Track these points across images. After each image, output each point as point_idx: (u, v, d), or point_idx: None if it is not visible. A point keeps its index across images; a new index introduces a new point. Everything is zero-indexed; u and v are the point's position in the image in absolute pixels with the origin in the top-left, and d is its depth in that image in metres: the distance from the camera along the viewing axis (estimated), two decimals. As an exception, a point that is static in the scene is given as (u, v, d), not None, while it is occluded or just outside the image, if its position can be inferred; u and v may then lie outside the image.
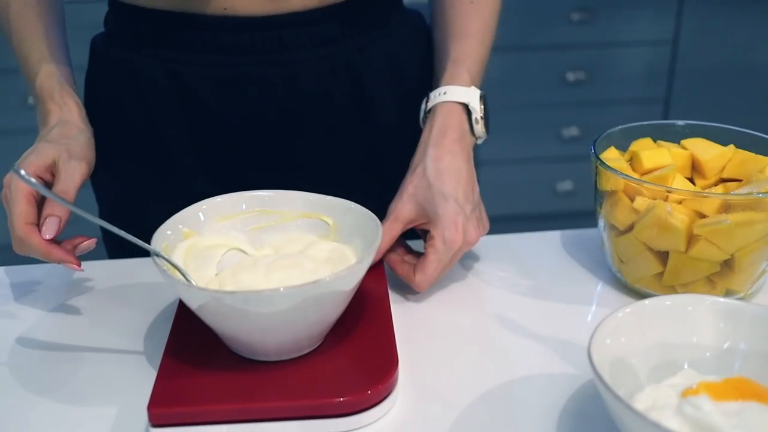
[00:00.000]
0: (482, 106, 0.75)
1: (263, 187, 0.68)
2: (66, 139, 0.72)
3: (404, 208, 0.70)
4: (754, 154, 0.70)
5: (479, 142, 0.76)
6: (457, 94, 0.74)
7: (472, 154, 0.74)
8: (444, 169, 0.70)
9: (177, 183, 0.83)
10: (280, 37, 0.77)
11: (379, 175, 0.85)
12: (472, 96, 0.74)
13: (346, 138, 0.84)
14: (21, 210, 0.65)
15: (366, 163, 0.86)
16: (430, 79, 0.85)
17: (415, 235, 0.80)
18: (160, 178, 0.83)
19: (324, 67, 0.80)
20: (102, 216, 0.95)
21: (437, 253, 0.68)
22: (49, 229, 0.65)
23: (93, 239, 0.69)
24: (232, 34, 0.77)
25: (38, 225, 0.65)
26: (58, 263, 0.65)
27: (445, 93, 0.75)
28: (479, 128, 0.75)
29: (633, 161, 0.72)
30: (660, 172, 0.69)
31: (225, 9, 0.76)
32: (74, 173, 0.68)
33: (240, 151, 0.81)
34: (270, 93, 0.79)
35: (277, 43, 0.77)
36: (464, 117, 0.74)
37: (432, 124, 0.73)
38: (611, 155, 0.72)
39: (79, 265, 0.66)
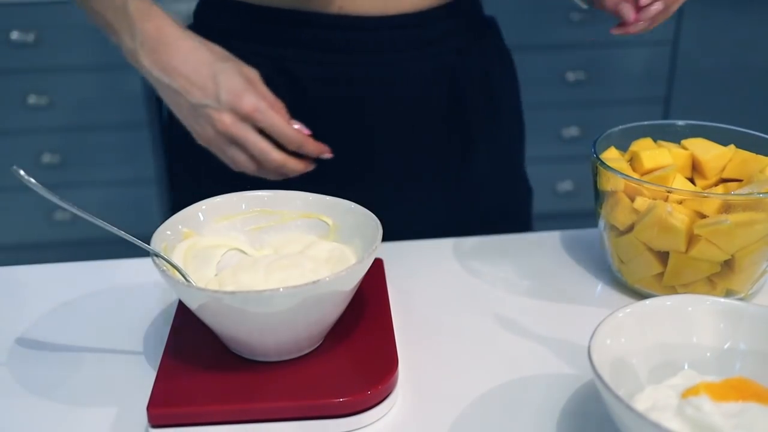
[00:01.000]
0: None
1: (361, 182, 0.73)
2: (226, 53, 0.73)
3: None
4: (754, 155, 0.70)
5: None
6: None
7: None
8: None
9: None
10: (390, 37, 0.79)
11: (464, 181, 0.87)
12: None
13: (440, 137, 0.86)
14: (286, 120, 0.71)
15: (452, 166, 0.88)
16: (516, 93, 0.91)
17: (416, 235, 0.80)
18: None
19: (426, 68, 0.82)
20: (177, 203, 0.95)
21: None
22: (300, 124, 0.71)
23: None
24: (344, 32, 0.78)
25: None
26: (320, 153, 0.72)
27: None
28: None
29: (633, 161, 0.72)
30: (660, 172, 0.69)
31: (340, 8, 0.77)
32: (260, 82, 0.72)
33: (343, 147, 0.81)
34: (375, 91, 0.81)
35: (388, 43, 0.79)
36: None
37: None
38: (611, 155, 0.72)
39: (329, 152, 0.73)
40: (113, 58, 2.05)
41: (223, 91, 0.69)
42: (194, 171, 0.88)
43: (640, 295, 0.70)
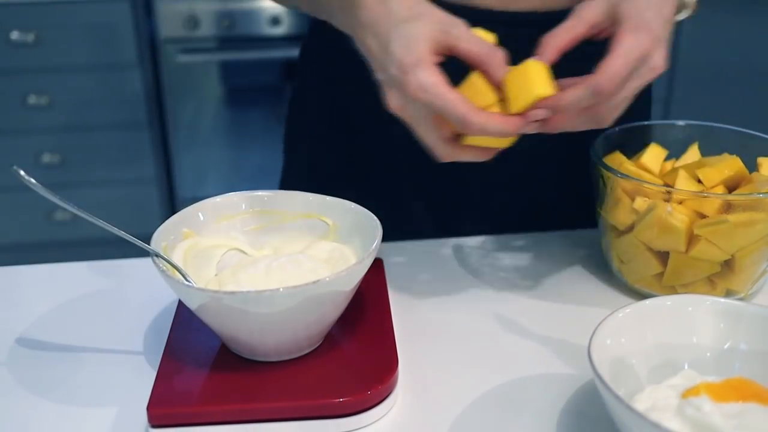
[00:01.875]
0: None
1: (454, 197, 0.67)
2: (423, 7, 0.60)
3: (591, 6, 0.59)
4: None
5: (682, 14, 0.65)
6: None
7: (675, 7, 0.62)
8: None
9: (368, 158, 0.82)
10: (514, 34, 0.69)
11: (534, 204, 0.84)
12: None
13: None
14: (457, 97, 0.56)
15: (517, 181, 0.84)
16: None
17: (415, 235, 0.80)
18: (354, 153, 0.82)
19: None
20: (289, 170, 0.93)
21: (626, 45, 0.56)
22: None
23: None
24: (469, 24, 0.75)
25: None
26: (516, 132, 0.58)
27: None
28: None
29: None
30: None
31: None
32: (465, 31, 0.58)
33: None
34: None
35: (511, 40, 0.72)
36: None
37: None
38: (616, 158, 0.72)
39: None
40: (113, 58, 2.06)
41: (392, 65, 0.57)
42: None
43: (640, 295, 0.69)
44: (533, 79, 0.57)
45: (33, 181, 0.57)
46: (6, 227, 2.18)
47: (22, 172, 0.57)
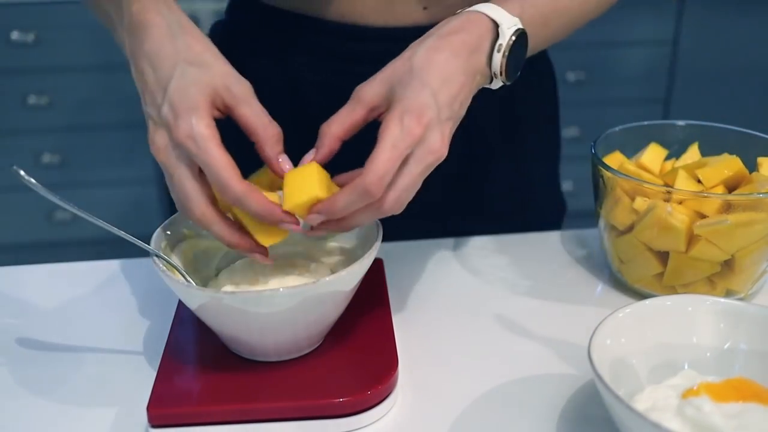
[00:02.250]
0: (512, 39, 0.59)
1: None
2: (211, 56, 0.57)
3: (370, 88, 0.57)
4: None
5: (493, 84, 0.62)
6: (492, 9, 0.60)
7: (477, 79, 0.60)
8: (437, 62, 0.56)
9: None
10: (394, 49, 0.73)
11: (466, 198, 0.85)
12: (507, 20, 0.60)
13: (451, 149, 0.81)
14: (226, 160, 0.53)
15: (451, 181, 0.84)
16: (548, 105, 0.86)
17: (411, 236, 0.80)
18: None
19: None
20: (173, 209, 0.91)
21: (391, 136, 0.53)
22: (289, 164, 0.55)
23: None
24: (346, 41, 0.76)
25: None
26: (276, 224, 0.55)
27: (478, 6, 0.61)
28: (497, 59, 0.59)
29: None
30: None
31: (342, 16, 0.75)
32: (252, 98, 0.56)
33: (341, 156, 0.79)
34: None
35: (391, 55, 0.74)
36: (488, 36, 0.59)
37: (447, 21, 0.60)
38: (616, 158, 0.72)
39: (298, 224, 0.55)
40: (113, 58, 2.06)
41: (166, 104, 0.54)
42: None
43: (640, 295, 0.69)
44: (306, 181, 0.55)
45: (33, 181, 0.57)
46: (6, 227, 2.18)
47: (22, 172, 0.57)
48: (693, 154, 0.73)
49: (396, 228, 0.70)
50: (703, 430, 0.47)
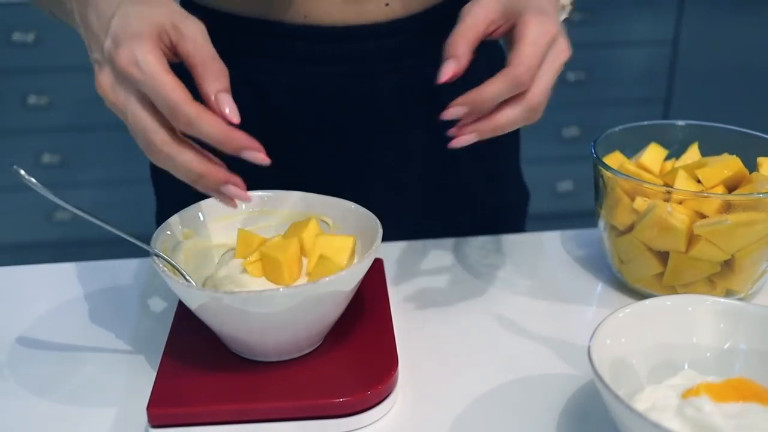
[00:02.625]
0: None
1: (338, 194, 0.65)
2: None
3: (482, 4, 0.58)
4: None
5: (561, 15, 0.65)
6: None
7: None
8: None
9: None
10: (360, 47, 0.73)
11: (443, 189, 0.84)
12: None
13: (417, 148, 0.81)
14: (174, 81, 0.48)
15: (429, 175, 0.84)
16: None
17: (411, 235, 0.80)
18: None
19: (401, 79, 0.77)
20: (161, 211, 0.89)
21: (531, 33, 0.55)
22: (229, 104, 0.50)
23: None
24: (311, 43, 0.74)
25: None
26: (237, 152, 0.50)
27: None
28: None
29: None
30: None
31: (305, 17, 0.74)
32: (201, 35, 0.52)
33: (313, 158, 0.79)
34: (347, 103, 0.76)
35: (357, 53, 0.73)
36: None
37: None
38: (616, 158, 0.72)
39: (263, 152, 0.51)
40: (113, 58, 2.06)
41: (108, 39, 0.50)
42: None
43: (640, 295, 0.70)
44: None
45: (33, 180, 0.57)
46: (6, 227, 2.18)
47: (22, 172, 0.57)
48: (693, 154, 0.73)
49: (396, 228, 0.70)
50: (703, 430, 0.47)
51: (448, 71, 0.56)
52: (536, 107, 0.57)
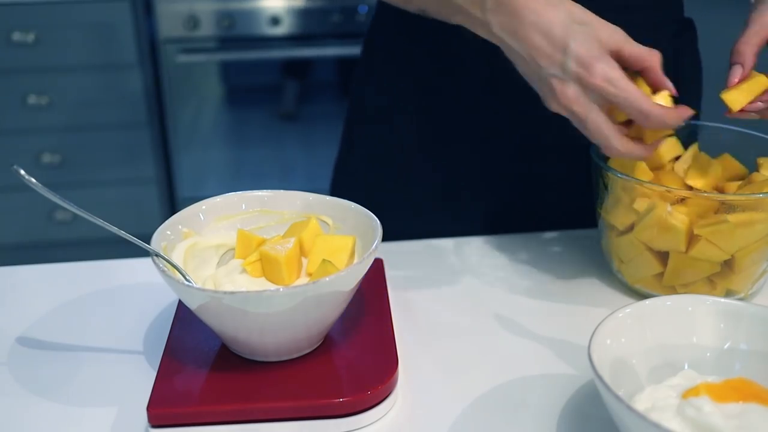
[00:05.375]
0: None
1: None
2: (589, 15, 0.64)
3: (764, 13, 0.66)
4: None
5: None
6: None
7: None
8: None
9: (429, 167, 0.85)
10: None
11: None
12: None
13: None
14: (642, 93, 0.60)
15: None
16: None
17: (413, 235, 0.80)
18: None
19: None
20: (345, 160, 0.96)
21: None
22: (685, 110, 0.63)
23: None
24: None
25: None
26: (681, 121, 0.62)
27: None
28: None
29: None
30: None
31: None
32: (626, 37, 0.63)
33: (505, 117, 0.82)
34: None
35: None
36: None
37: None
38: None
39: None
40: (113, 58, 2.06)
41: (571, 60, 0.60)
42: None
43: (640, 295, 0.69)
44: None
45: (33, 180, 0.57)
46: (6, 227, 2.18)
47: (22, 172, 0.57)
48: (693, 154, 0.73)
49: (396, 228, 0.70)
50: (703, 431, 0.47)
51: (735, 77, 0.66)
52: None
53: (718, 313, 0.56)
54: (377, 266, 0.70)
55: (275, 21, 2.13)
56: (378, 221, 0.61)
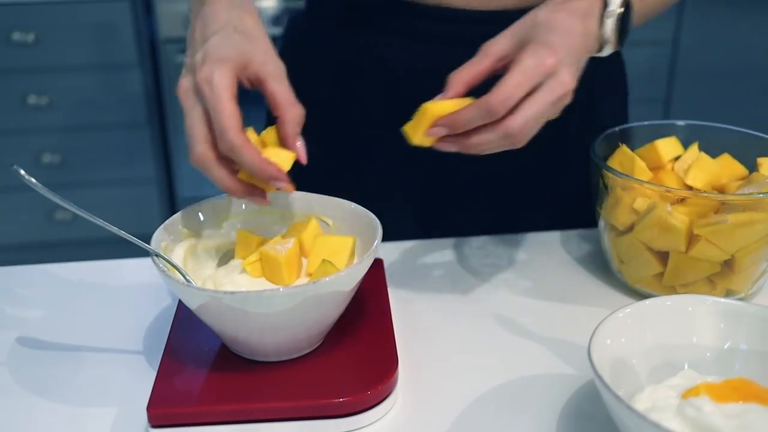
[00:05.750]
0: (622, 10, 0.62)
1: (447, 179, 0.67)
2: (260, 34, 0.62)
3: (497, 41, 0.61)
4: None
5: (603, 51, 0.64)
6: None
7: (590, 42, 0.63)
8: (558, 18, 0.60)
9: (362, 159, 0.84)
10: (488, 32, 0.71)
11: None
12: None
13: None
14: (232, 110, 0.56)
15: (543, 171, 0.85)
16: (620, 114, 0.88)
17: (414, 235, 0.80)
18: (346, 155, 0.84)
19: None
20: None
21: (523, 64, 0.57)
22: (304, 149, 0.59)
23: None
24: (442, 24, 0.77)
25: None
26: (267, 180, 0.58)
27: None
28: (609, 24, 0.62)
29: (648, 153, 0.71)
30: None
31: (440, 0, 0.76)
32: (283, 77, 0.60)
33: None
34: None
35: (485, 38, 0.75)
36: (599, 3, 0.63)
37: None
38: (624, 153, 0.72)
39: (289, 182, 0.59)
40: (113, 58, 2.06)
41: (200, 52, 0.59)
42: None
43: (640, 295, 0.69)
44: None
45: (33, 180, 0.57)
46: (6, 227, 2.18)
47: (22, 172, 0.57)
48: (693, 154, 0.73)
49: (396, 228, 0.70)
50: (703, 431, 0.47)
51: (436, 100, 0.60)
52: (514, 135, 0.57)
53: (718, 313, 0.56)
54: (377, 266, 0.70)
55: (275, 21, 2.13)
56: (378, 221, 0.61)
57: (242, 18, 0.61)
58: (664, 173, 0.70)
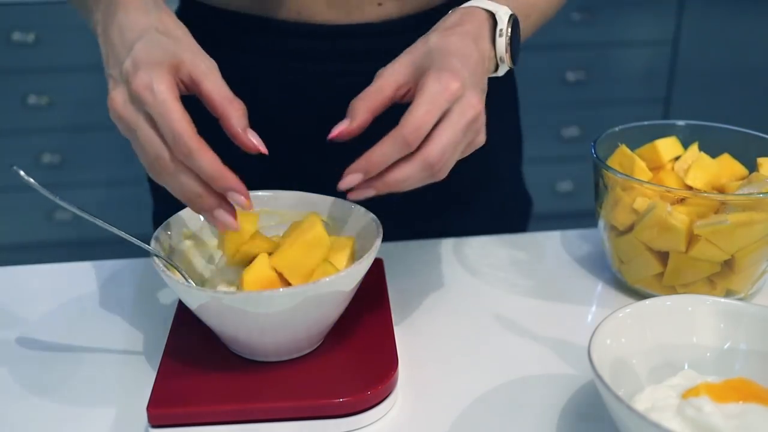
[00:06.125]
0: (510, 28, 0.61)
1: (323, 191, 0.64)
2: (182, 33, 0.57)
3: (393, 69, 0.57)
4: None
5: (499, 71, 0.63)
6: (483, 2, 0.62)
7: (486, 63, 0.61)
8: (452, 42, 0.57)
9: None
10: (352, 46, 0.72)
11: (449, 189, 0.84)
12: (500, 9, 0.62)
13: None
14: (181, 112, 0.51)
15: None
16: (509, 103, 0.86)
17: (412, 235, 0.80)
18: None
19: None
20: (157, 213, 0.91)
21: (429, 91, 0.54)
22: (258, 139, 0.54)
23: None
24: (303, 40, 0.75)
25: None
26: (224, 191, 0.53)
27: (469, 2, 0.63)
28: (501, 43, 0.61)
29: (648, 153, 0.72)
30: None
31: (298, 14, 0.75)
32: (217, 74, 0.56)
33: (301, 154, 0.79)
34: (337, 101, 0.75)
35: (349, 52, 0.73)
36: (487, 24, 0.61)
37: (445, 19, 0.61)
38: (624, 153, 0.72)
39: (248, 198, 0.54)
40: (113, 58, 2.06)
41: (128, 60, 0.53)
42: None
43: (640, 295, 0.70)
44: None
45: (33, 180, 0.57)
46: (6, 227, 2.18)
47: (22, 172, 0.57)
48: (693, 154, 0.73)
49: (396, 228, 0.70)
50: (703, 431, 0.47)
51: (338, 129, 0.57)
52: (434, 165, 0.54)
53: (718, 313, 0.56)
54: (377, 266, 0.70)
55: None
56: (378, 221, 0.61)
57: (161, 19, 0.57)
58: (664, 173, 0.70)
